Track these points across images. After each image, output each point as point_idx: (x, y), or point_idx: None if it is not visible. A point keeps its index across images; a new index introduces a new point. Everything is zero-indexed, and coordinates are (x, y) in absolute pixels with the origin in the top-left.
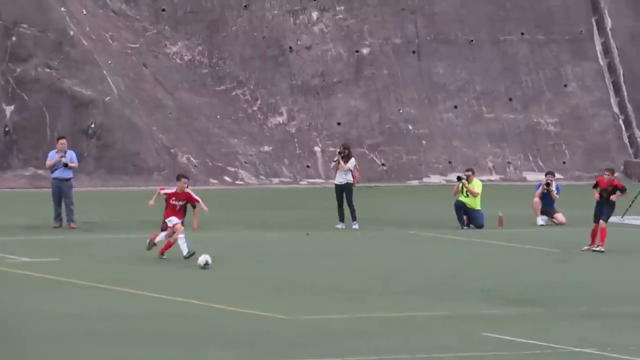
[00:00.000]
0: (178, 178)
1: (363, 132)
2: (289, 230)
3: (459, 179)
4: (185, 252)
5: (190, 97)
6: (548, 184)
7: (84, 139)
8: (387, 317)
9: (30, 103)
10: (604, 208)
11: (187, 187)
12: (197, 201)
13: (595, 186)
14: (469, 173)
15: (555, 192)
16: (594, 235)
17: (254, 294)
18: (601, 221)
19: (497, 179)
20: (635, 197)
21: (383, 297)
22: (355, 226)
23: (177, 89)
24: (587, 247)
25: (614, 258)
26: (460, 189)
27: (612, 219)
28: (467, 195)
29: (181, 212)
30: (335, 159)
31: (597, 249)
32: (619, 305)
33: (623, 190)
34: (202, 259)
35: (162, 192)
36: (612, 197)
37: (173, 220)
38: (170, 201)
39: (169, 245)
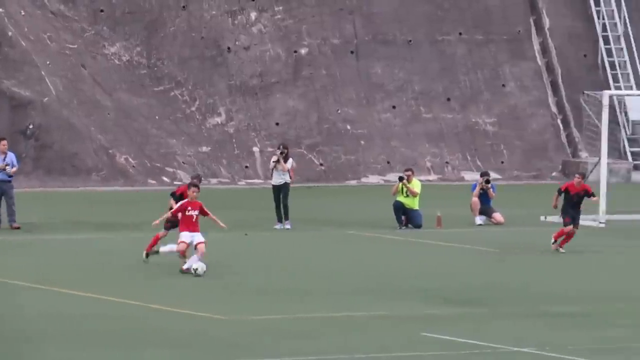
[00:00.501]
0: (190, 186)
1: (301, 132)
2: (227, 231)
3: (401, 179)
4: (187, 266)
5: (129, 98)
6: (488, 182)
7: (22, 139)
8: (326, 317)
9: None
10: (576, 213)
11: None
12: (207, 214)
13: (561, 192)
14: (409, 173)
15: (492, 190)
16: (563, 234)
17: (192, 295)
18: (574, 227)
19: (436, 179)
20: None
21: (322, 297)
22: (288, 226)
23: (116, 90)
24: (556, 245)
25: (552, 258)
26: (400, 189)
27: (552, 218)
28: (407, 196)
29: (196, 224)
30: (275, 159)
31: (561, 250)
32: (557, 304)
33: (593, 194)
34: (196, 265)
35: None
36: (594, 200)
37: (184, 238)
38: (186, 212)
39: (155, 241)
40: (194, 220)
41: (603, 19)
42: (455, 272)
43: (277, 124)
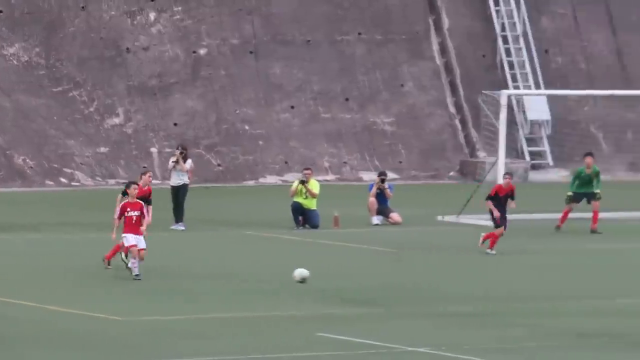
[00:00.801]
0: (129, 184)
1: (200, 132)
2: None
3: (303, 182)
4: (131, 265)
5: (27, 99)
6: (383, 181)
7: None
8: (223, 317)
9: None
10: (504, 213)
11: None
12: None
13: (490, 197)
14: (309, 172)
15: (389, 190)
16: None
17: (88, 295)
18: (502, 228)
19: (333, 179)
20: (471, 196)
21: (219, 298)
22: (182, 227)
23: (14, 91)
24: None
25: (449, 257)
26: (299, 190)
27: (448, 218)
28: (306, 197)
29: (138, 226)
30: (173, 159)
31: (490, 252)
32: (454, 304)
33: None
34: (299, 274)
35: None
36: (513, 205)
37: (130, 240)
38: (127, 213)
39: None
40: (133, 222)
41: (502, 18)
42: (352, 272)
43: (175, 124)
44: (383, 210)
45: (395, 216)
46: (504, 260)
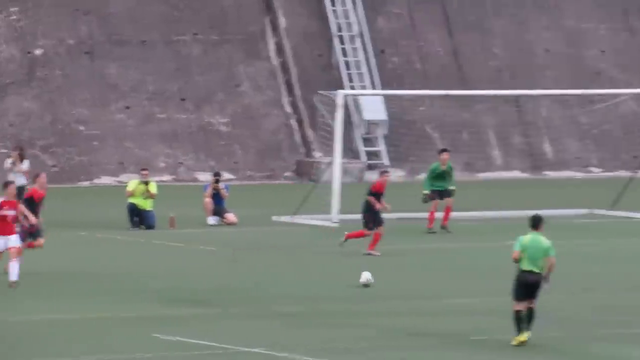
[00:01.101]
0: (7, 184)
1: (35, 133)
2: None
3: (146, 183)
4: (13, 278)
5: None
6: (217, 181)
7: None
8: (54, 318)
9: None
10: (377, 212)
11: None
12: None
13: (372, 194)
14: (146, 172)
15: (225, 190)
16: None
17: None
18: (382, 227)
19: (169, 180)
20: (308, 196)
21: (51, 299)
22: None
23: None
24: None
25: (284, 258)
26: (138, 191)
27: (283, 218)
28: (145, 198)
29: (11, 225)
30: (11, 161)
31: (375, 253)
32: (289, 304)
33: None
34: (365, 277)
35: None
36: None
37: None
38: (0, 211)
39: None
40: (7, 220)
41: (338, 18)
42: (188, 272)
43: (10, 125)
44: (219, 210)
45: (230, 216)
46: (341, 261)
